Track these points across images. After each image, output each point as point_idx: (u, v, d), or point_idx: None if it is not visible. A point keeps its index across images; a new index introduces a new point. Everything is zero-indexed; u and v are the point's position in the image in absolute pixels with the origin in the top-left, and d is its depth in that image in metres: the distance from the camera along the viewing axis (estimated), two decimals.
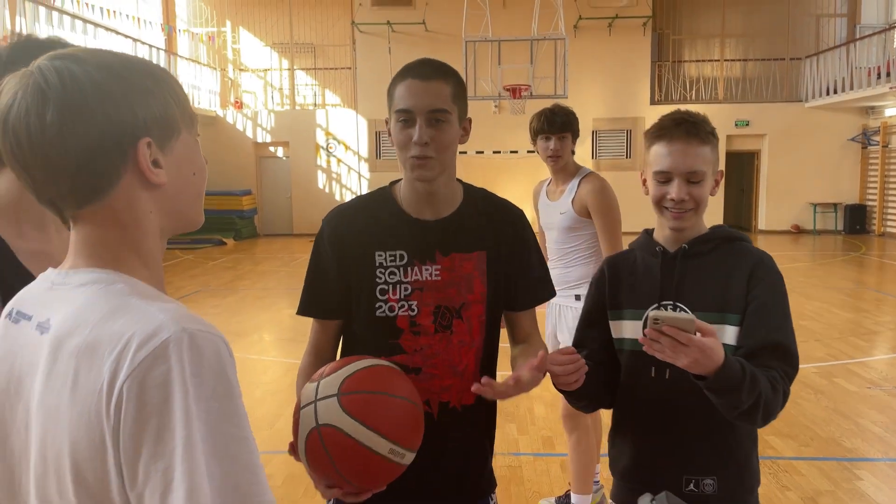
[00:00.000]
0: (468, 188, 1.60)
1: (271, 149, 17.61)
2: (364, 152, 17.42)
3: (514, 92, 12.15)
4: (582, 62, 15.95)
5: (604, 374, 1.65)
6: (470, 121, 1.53)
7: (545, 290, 1.65)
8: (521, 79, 12.47)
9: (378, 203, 1.56)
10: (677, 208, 1.55)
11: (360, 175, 17.48)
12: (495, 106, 15.91)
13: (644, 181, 1.64)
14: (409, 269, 1.50)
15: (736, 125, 16.45)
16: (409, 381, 1.36)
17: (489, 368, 1.58)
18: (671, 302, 1.58)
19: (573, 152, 3.11)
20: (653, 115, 16.56)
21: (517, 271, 1.58)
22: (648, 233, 1.71)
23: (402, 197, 1.54)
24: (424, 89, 1.45)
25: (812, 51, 16.43)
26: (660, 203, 1.58)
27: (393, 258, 1.51)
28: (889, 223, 15.51)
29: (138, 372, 0.73)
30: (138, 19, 14.62)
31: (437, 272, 1.50)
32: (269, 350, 6.74)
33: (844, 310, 8.04)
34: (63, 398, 0.77)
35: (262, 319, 7.89)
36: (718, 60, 17.17)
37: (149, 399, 0.73)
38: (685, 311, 1.54)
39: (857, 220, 16.16)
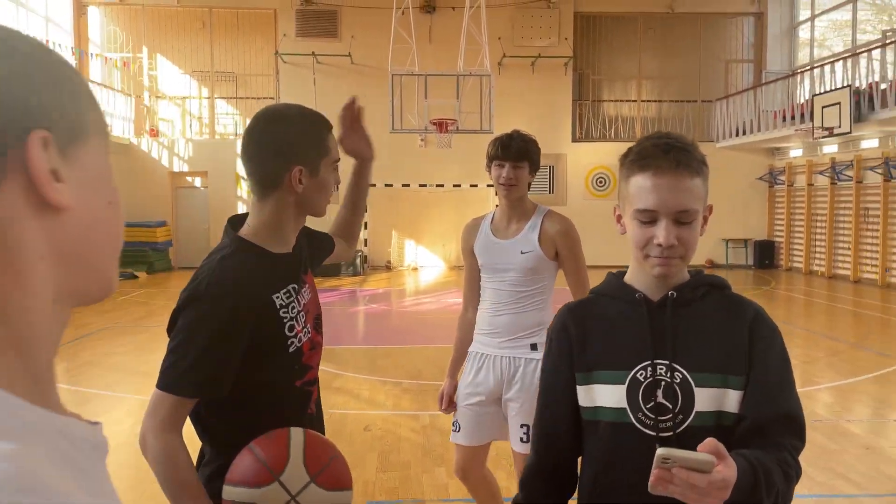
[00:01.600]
0: None
1: (189, 179, 16.98)
2: None
3: (441, 126, 12.17)
4: (507, 99, 16.21)
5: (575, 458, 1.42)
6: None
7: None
8: (448, 113, 12.51)
9: (249, 253, 1.55)
10: (665, 254, 1.28)
11: None
12: (421, 140, 15.91)
13: (619, 218, 1.38)
14: (298, 298, 1.61)
15: None
16: (319, 433, 1.43)
17: None
18: (667, 361, 1.31)
19: (530, 185, 2.78)
20: (574, 151, 17.13)
21: (312, 261, 1.82)
22: (618, 276, 1.44)
23: (259, 237, 1.58)
24: None
25: (722, 94, 17.27)
26: (644, 247, 1.31)
27: (288, 294, 1.58)
28: (795, 258, 16.29)
29: None
30: (48, 41, 13.92)
31: (307, 290, 1.67)
32: None
33: None
34: None
35: None
36: (636, 101, 17.80)
37: None
38: (680, 373, 1.30)
39: (765, 255, 16.92)
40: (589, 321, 1.41)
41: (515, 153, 2.68)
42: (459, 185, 16.56)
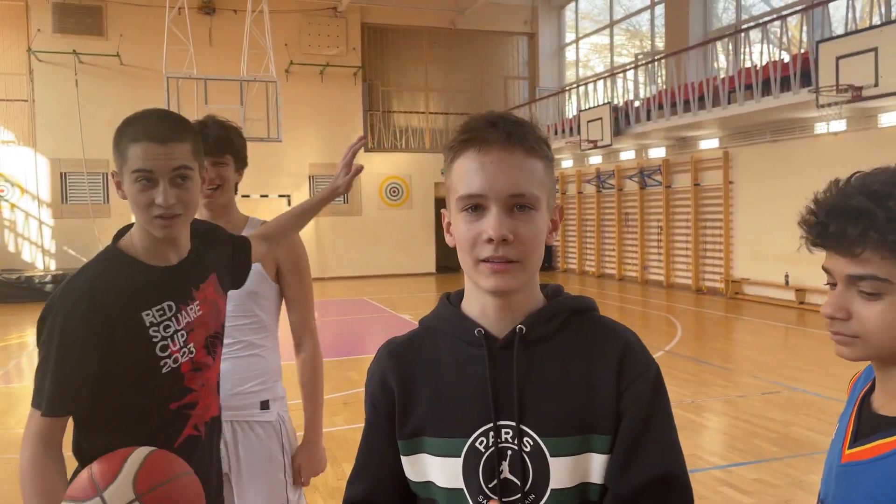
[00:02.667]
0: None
1: None
2: (46, 196, 15.15)
3: None
4: (296, 107, 15.84)
5: None
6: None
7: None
8: (232, 120, 11.87)
9: (118, 263, 1.50)
10: (500, 253, 0.96)
11: (41, 222, 15.13)
12: None
13: (448, 226, 1.05)
14: (178, 315, 1.51)
15: (442, 173, 17.57)
16: (175, 455, 1.35)
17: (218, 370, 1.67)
18: (513, 423, 0.99)
19: (237, 187, 2.15)
20: (368, 161, 17.21)
21: (231, 264, 1.74)
22: (453, 302, 1.09)
23: (141, 247, 1.51)
24: (165, 152, 1.43)
25: (501, 107, 18.33)
26: (472, 249, 0.98)
27: (161, 312, 1.49)
28: (570, 260, 17.74)
29: None
30: None
31: (198, 307, 1.56)
32: None
33: None
34: None
35: None
36: (424, 112, 18.31)
37: None
38: (531, 439, 0.99)
39: (546, 258, 18.24)
40: (415, 368, 1.06)
41: (214, 144, 2.01)
42: (248, 196, 15.86)
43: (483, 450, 0.99)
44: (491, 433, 0.99)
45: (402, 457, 1.04)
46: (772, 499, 3.81)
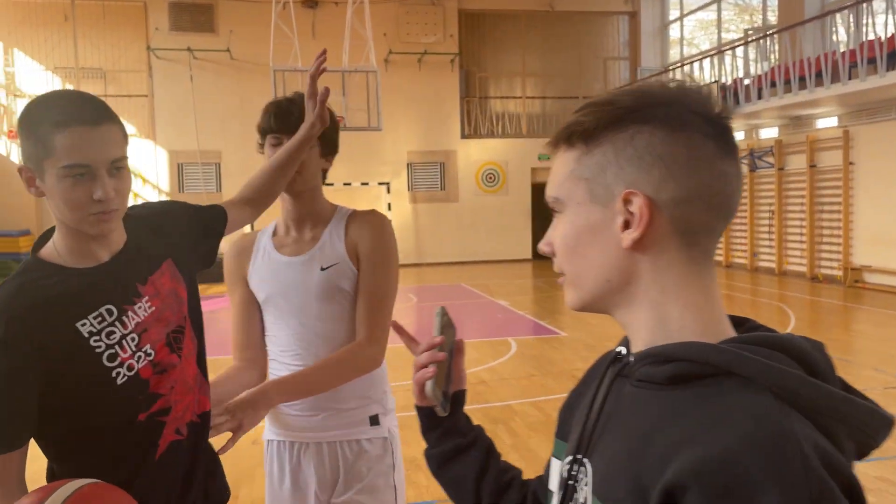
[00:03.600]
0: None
1: None
2: (165, 185, 16.17)
3: None
4: (394, 96, 16.08)
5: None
6: None
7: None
8: (335, 110, 12.21)
9: (41, 275, 1.32)
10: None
11: None
12: None
13: None
14: (124, 318, 1.34)
15: (539, 158, 17.43)
16: (119, 490, 1.22)
17: (201, 362, 1.51)
18: (580, 456, 0.77)
19: (325, 175, 1.91)
20: (464, 148, 17.27)
21: (196, 240, 1.56)
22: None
23: (66, 251, 1.34)
24: (100, 137, 1.25)
25: (600, 90, 17.92)
26: None
27: (100, 318, 1.32)
28: None
29: None
30: None
31: (149, 303, 1.39)
32: None
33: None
34: None
35: None
36: (521, 97, 18.16)
37: None
38: (584, 493, 0.75)
39: None
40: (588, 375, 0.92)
41: (297, 123, 1.74)
42: (350, 184, 16.29)
43: (565, 475, 0.80)
44: (573, 464, 0.79)
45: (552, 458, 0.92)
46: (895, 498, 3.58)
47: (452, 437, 1.02)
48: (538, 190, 17.71)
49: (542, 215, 18.14)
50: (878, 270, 10.91)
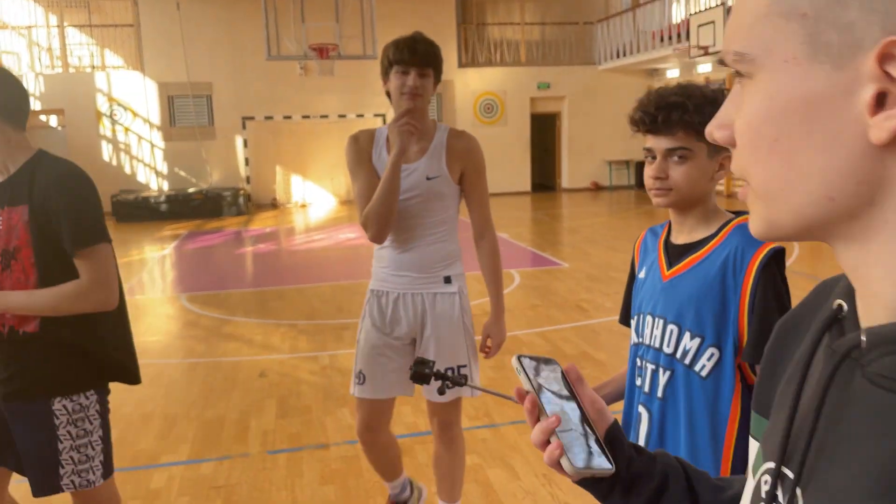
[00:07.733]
0: (41, 155, 1.86)
1: (42, 118, 15.38)
2: (156, 119, 15.78)
3: (322, 52, 11.51)
4: (389, 23, 15.53)
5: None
6: None
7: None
8: (328, 38, 11.83)
9: None
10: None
11: (152, 145, 15.84)
12: (301, 68, 15.08)
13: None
14: None
15: (538, 87, 17.03)
16: None
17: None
18: (792, 476, 0.50)
19: (428, 102, 2.39)
20: (461, 77, 16.82)
21: (56, 220, 1.82)
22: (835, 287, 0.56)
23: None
24: None
25: (602, 15, 17.36)
26: None
27: None
28: None
29: None
30: None
31: (0, 223, 1.81)
32: None
33: None
34: None
35: None
36: (519, 24, 17.60)
37: None
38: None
39: None
40: (788, 342, 0.61)
41: (423, 57, 2.30)
42: (345, 116, 15.93)
43: (761, 492, 0.60)
44: (773, 475, 0.55)
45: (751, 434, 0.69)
46: None
47: (638, 489, 0.76)
48: (537, 119, 17.37)
49: (541, 146, 17.87)
50: None
